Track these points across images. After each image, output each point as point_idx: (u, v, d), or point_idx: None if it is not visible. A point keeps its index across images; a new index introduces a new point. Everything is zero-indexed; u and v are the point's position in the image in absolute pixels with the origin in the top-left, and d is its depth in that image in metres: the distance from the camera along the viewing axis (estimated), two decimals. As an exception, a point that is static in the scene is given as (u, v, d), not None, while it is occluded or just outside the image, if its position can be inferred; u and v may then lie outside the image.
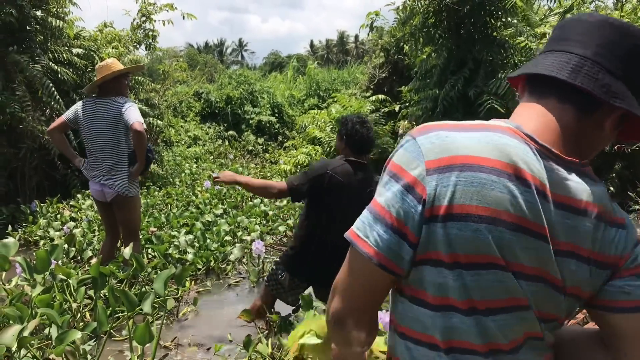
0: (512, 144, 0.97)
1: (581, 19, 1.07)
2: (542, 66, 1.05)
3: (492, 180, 0.93)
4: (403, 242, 0.96)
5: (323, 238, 3.49)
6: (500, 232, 0.93)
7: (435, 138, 0.98)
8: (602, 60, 1.01)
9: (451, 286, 0.96)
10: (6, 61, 7.58)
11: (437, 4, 8.36)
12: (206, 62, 33.73)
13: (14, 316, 2.84)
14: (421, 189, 0.95)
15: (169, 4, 10.21)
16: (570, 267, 1.00)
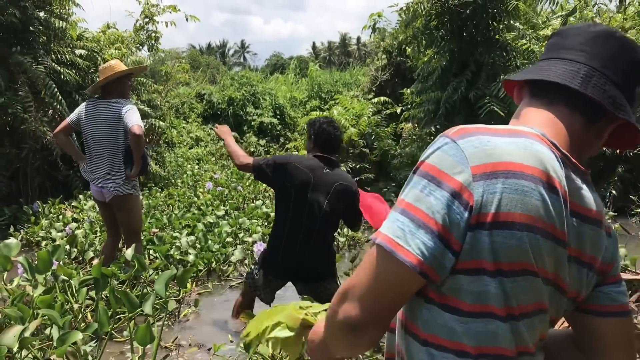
0: (544, 151, 0.98)
1: (584, 29, 1.11)
2: (552, 73, 1.07)
3: (531, 188, 0.94)
4: (447, 250, 0.94)
5: (292, 232, 3.56)
6: (536, 240, 0.94)
7: (478, 142, 0.96)
8: (608, 72, 1.05)
9: (492, 293, 0.96)
10: (9, 62, 7.60)
11: (439, 6, 8.36)
12: (208, 64, 33.77)
13: (16, 317, 2.84)
14: (468, 195, 0.93)
15: (172, 6, 10.23)
16: (573, 272, 1.05)
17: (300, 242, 3.56)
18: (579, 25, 1.13)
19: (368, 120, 9.71)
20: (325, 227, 3.63)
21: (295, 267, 3.63)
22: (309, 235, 3.57)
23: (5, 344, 2.43)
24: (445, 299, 1.00)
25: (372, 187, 8.97)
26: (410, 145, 9.49)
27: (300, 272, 3.66)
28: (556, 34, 1.17)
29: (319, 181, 3.55)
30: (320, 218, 3.55)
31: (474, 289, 0.96)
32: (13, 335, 2.46)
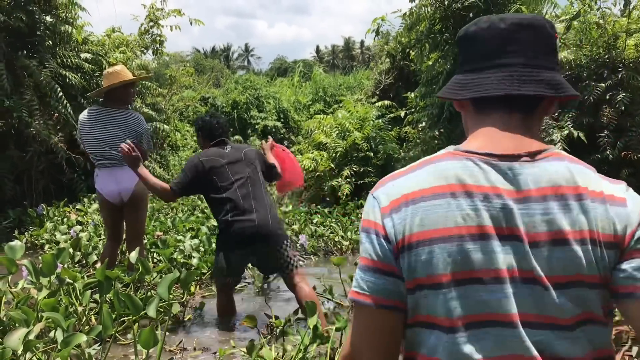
0: (450, 166, 1.08)
1: (494, 29, 1.13)
2: (489, 87, 1.11)
3: (434, 205, 1.04)
4: (390, 277, 1.08)
5: (234, 205, 3.89)
6: (458, 247, 1.02)
7: (386, 188, 1.13)
8: (536, 61, 1.10)
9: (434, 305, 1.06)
10: (16, 65, 7.65)
11: (443, 10, 8.36)
12: (213, 67, 33.86)
13: (20, 319, 2.86)
14: (382, 228, 1.09)
15: (176, 10, 10.29)
16: (555, 255, 1.01)
17: (246, 208, 3.90)
18: (485, 24, 1.15)
19: (372, 124, 9.71)
20: (257, 187, 4.04)
21: (255, 231, 3.87)
22: (255, 200, 3.95)
23: (10, 346, 2.44)
24: (414, 319, 1.09)
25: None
26: (414, 149, 9.48)
27: (261, 238, 3.90)
28: (464, 39, 1.19)
29: (230, 158, 4.05)
30: (254, 182, 4.03)
31: (423, 304, 1.06)
32: (17, 338, 2.47)
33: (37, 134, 7.55)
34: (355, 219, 7.84)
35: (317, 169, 9.45)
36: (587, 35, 8.20)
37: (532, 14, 1.18)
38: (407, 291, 1.07)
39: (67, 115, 7.91)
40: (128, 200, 4.55)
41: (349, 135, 9.50)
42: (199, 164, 3.99)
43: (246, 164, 4.10)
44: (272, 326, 3.64)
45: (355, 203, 8.50)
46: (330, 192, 9.15)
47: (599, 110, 7.70)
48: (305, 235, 6.32)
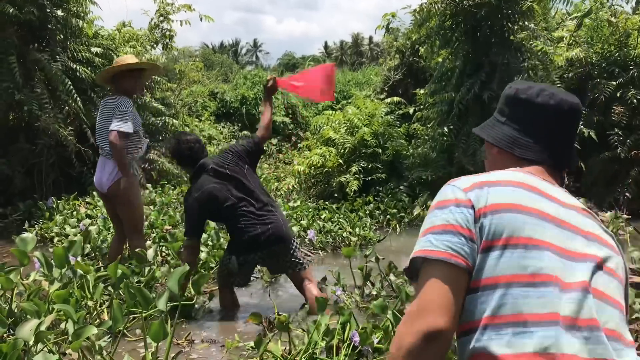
0: (519, 173, 1.34)
1: (559, 108, 1.43)
2: (534, 154, 1.43)
3: (509, 189, 1.26)
4: (467, 240, 1.19)
5: (248, 218, 3.95)
6: (534, 218, 1.21)
7: (465, 178, 1.32)
8: (571, 140, 1.49)
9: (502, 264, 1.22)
10: (27, 59, 7.69)
11: (453, 6, 8.33)
12: (222, 62, 33.88)
13: (32, 311, 2.88)
14: (465, 201, 1.24)
15: (186, 5, 10.30)
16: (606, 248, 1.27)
17: (257, 217, 3.97)
18: (552, 101, 1.41)
19: (381, 120, 9.70)
20: (260, 191, 4.12)
21: (265, 234, 3.96)
22: (262, 204, 4.04)
23: (22, 337, 2.47)
24: (477, 282, 1.18)
25: (383, 187, 8.97)
26: (422, 146, 9.47)
27: (271, 239, 3.98)
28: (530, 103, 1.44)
29: (221, 180, 4.03)
30: (256, 186, 4.10)
31: (492, 264, 1.17)
32: (29, 329, 2.50)
33: (47, 127, 7.58)
34: (363, 215, 7.85)
35: (325, 164, 9.44)
36: (599, 33, 8.16)
37: (575, 97, 1.46)
38: (479, 252, 1.19)
39: (77, 109, 7.95)
40: (108, 194, 4.55)
41: (358, 132, 9.49)
42: (196, 207, 4.03)
43: (238, 174, 4.09)
44: (272, 321, 3.67)
45: (364, 199, 8.50)
46: (338, 188, 9.15)
47: (610, 108, 7.67)
48: (313, 230, 6.32)
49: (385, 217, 8.02)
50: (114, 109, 4.40)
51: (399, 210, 8.13)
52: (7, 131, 7.98)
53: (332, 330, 3.11)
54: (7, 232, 6.76)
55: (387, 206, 8.21)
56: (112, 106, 4.43)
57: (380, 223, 7.92)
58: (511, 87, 1.49)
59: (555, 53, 8.11)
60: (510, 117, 1.46)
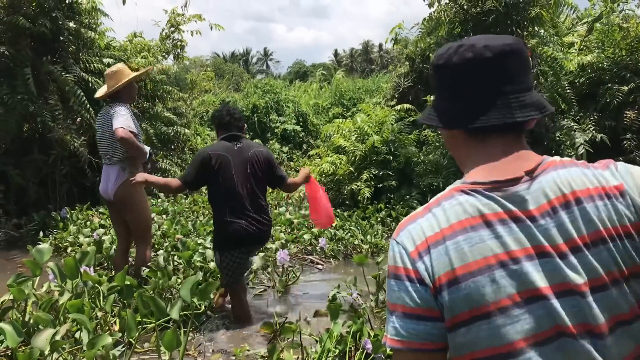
0: (463, 201, 1.12)
1: (478, 57, 1.15)
2: (485, 117, 1.15)
3: (458, 241, 1.08)
4: (430, 322, 1.09)
5: (232, 203, 4.11)
6: (491, 277, 1.04)
7: (408, 232, 1.15)
8: (522, 85, 1.16)
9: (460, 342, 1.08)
10: (40, 71, 7.79)
11: (463, 14, 8.34)
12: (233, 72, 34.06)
13: (47, 320, 2.91)
14: (416, 274, 1.10)
15: (197, 15, 10.39)
16: (582, 261, 1.04)
17: (244, 209, 4.12)
18: (469, 54, 1.16)
19: (391, 128, 9.70)
20: (257, 190, 4.22)
21: (249, 231, 4.13)
22: (247, 202, 4.15)
23: (38, 346, 2.50)
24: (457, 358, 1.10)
25: (395, 194, 8.96)
26: (433, 152, 9.46)
27: (253, 237, 4.17)
28: (445, 67, 1.21)
29: (235, 156, 4.16)
30: (249, 185, 4.17)
31: (463, 341, 1.07)
32: (45, 339, 2.53)
33: (60, 138, 7.66)
34: (375, 223, 7.84)
35: (336, 172, 9.46)
36: (610, 38, 8.12)
37: (510, 37, 1.19)
38: (448, 330, 1.08)
39: (89, 120, 8.04)
40: (114, 201, 4.59)
41: (368, 139, 9.50)
42: (206, 157, 4.14)
43: (251, 164, 4.21)
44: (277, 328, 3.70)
45: (375, 206, 8.49)
46: (349, 196, 9.15)
47: (622, 112, 7.62)
48: (324, 238, 6.33)
49: (397, 224, 7.98)
50: (112, 115, 4.43)
51: (411, 218, 8.10)
52: (21, 142, 8.07)
53: (344, 338, 3.12)
54: (22, 242, 6.84)
55: (398, 213, 8.19)
56: (111, 113, 4.46)
57: (392, 230, 7.90)
58: (434, 55, 1.26)
59: (566, 58, 8.08)
60: (438, 90, 1.27)
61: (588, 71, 8.18)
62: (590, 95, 8.04)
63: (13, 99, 7.51)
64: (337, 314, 3.25)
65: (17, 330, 2.80)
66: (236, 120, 4.32)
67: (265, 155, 4.32)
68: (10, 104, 7.55)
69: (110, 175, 4.58)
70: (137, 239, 4.72)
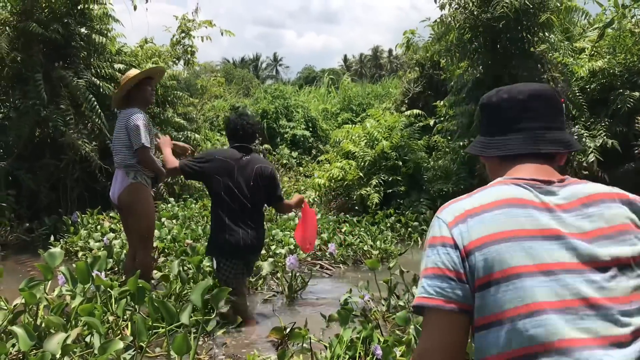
0: (505, 188, 1.31)
1: (512, 98, 1.41)
2: (514, 147, 1.39)
3: (492, 214, 1.24)
4: (456, 282, 1.22)
5: (230, 213, 4.21)
6: (521, 244, 1.19)
7: (449, 208, 1.32)
8: (550, 124, 1.39)
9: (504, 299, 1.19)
10: (52, 76, 7.85)
11: (473, 19, 8.33)
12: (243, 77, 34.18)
13: (58, 324, 2.93)
14: (450, 239, 1.25)
15: (207, 21, 10.45)
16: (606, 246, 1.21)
17: (242, 220, 4.23)
18: (505, 95, 1.43)
19: (401, 133, 9.70)
20: (255, 204, 4.32)
21: (245, 243, 4.23)
22: (245, 213, 4.25)
23: (49, 350, 2.51)
24: (483, 320, 1.20)
25: (404, 200, 8.95)
26: (443, 158, 9.45)
27: (247, 247, 4.26)
28: (488, 107, 1.47)
29: (241, 167, 4.26)
30: (249, 197, 4.25)
31: (491, 300, 1.18)
32: (56, 342, 2.54)
33: (71, 142, 7.72)
34: (384, 228, 7.84)
35: (345, 177, 9.46)
36: (621, 43, 8.08)
37: (544, 85, 1.47)
38: (475, 290, 1.20)
39: (100, 125, 8.09)
40: (119, 205, 4.64)
41: (378, 144, 9.50)
42: (212, 160, 4.29)
43: (255, 178, 4.29)
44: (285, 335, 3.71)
45: (384, 212, 8.48)
46: (359, 201, 9.16)
47: (633, 118, 7.58)
48: (334, 244, 6.33)
49: (406, 230, 7.99)
50: (126, 124, 4.46)
51: (420, 223, 8.10)
52: (33, 147, 8.14)
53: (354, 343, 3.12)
54: (34, 246, 6.88)
55: (408, 219, 8.19)
56: (125, 120, 4.48)
57: (402, 236, 7.90)
58: (483, 96, 1.53)
59: (577, 64, 8.05)
60: (481, 123, 1.51)
61: (599, 77, 8.14)
62: (601, 101, 8.00)
63: (25, 104, 7.59)
64: (347, 319, 3.24)
65: (29, 333, 2.81)
66: (248, 135, 4.42)
67: (270, 173, 4.42)
68: (23, 109, 7.62)
69: (117, 178, 4.61)
70: (137, 245, 4.71)
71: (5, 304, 3.53)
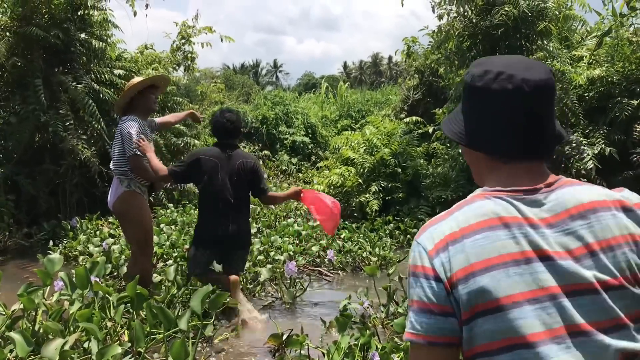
0: (484, 204, 1.20)
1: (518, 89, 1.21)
2: (507, 144, 1.24)
3: (476, 239, 1.15)
4: (443, 317, 1.16)
5: (215, 207, 4.47)
6: (505, 272, 1.12)
7: (429, 233, 1.23)
8: (549, 117, 1.24)
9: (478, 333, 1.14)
10: (52, 81, 7.87)
11: (472, 27, 8.37)
12: (243, 83, 34.22)
13: (56, 330, 2.93)
14: (431, 270, 1.18)
15: (207, 27, 10.48)
16: (596, 264, 1.12)
17: (222, 214, 4.45)
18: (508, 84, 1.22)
19: (400, 140, 9.72)
20: (239, 198, 4.52)
21: (222, 234, 4.48)
22: (227, 207, 4.47)
23: (47, 356, 2.51)
24: (472, 351, 1.16)
25: (403, 207, 8.96)
26: (442, 165, 9.46)
27: (226, 240, 4.51)
28: (481, 91, 1.25)
29: (224, 164, 4.47)
30: (233, 192, 4.47)
31: (479, 332, 1.13)
32: (54, 348, 2.54)
33: (71, 148, 7.72)
34: (383, 235, 7.83)
35: (344, 184, 9.47)
36: (619, 52, 8.11)
37: (544, 69, 1.24)
38: (463, 323, 1.15)
39: (100, 130, 8.10)
40: (113, 211, 4.79)
41: (377, 151, 9.51)
42: (196, 159, 4.50)
43: (237, 173, 4.50)
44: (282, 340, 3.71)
45: (383, 219, 8.49)
46: (358, 208, 9.16)
47: (631, 126, 7.59)
48: (333, 250, 6.33)
49: (405, 236, 8.00)
50: (120, 131, 4.50)
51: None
52: (33, 152, 8.14)
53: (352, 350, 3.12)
54: (33, 251, 6.88)
55: (407, 226, 8.19)
56: (120, 127, 4.54)
57: (401, 243, 7.90)
58: (469, 72, 1.31)
59: (575, 72, 8.08)
60: (469, 107, 1.31)
61: (597, 85, 8.16)
62: (600, 109, 8.02)
63: (25, 109, 7.60)
64: (345, 325, 3.25)
65: (26, 339, 2.82)
66: (229, 131, 4.60)
67: (252, 166, 4.58)
68: (23, 114, 7.63)
69: (113, 186, 4.70)
70: (135, 251, 4.72)
71: (3, 310, 3.53)
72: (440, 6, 8.57)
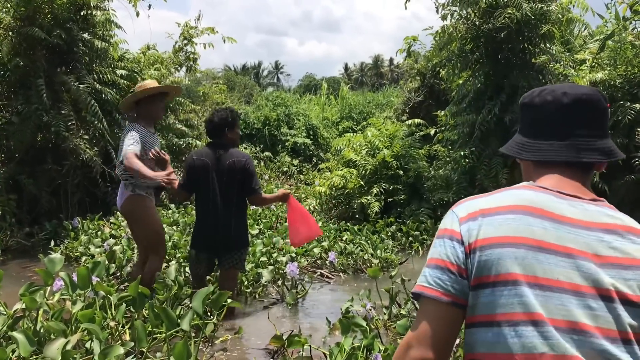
0: (526, 192, 1.28)
1: (556, 101, 1.34)
2: (550, 153, 1.34)
3: (507, 218, 1.22)
4: (456, 276, 1.23)
5: (207, 208, 4.54)
6: (525, 253, 1.17)
7: (465, 204, 1.32)
8: (592, 132, 1.33)
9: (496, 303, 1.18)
10: (54, 81, 7.87)
11: (474, 30, 8.36)
12: (245, 84, 34.22)
13: (58, 330, 2.93)
14: (457, 234, 1.25)
15: (210, 28, 10.49)
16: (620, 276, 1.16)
17: (212, 214, 4.51)
18: (549, 97, 1.36)
19: (402, 142, 9.71)
20: (230, 199, 4.54)
21: (211, 235, 4.55)
22: (217, 208, 4.52)
23: (49, 356, 2.51)
24: (474, 318, 1.21)
25: (405, 209, 8.95)
26: (444, 167, 9.45)
27: (218, 242, 4.56)
28: (529, 106, 1.41)
29: (215, 164, 4.51)
30: (223, 192, 4.51)
31: (485, 301, 1.19)
32: (56, 348, 2.54)
33: (73, 148, 7.73)
34: (385, 237, 7.82)
35: (346, 186, 9.46)
36: (622, 55, 8.10)
37: (589, 88, 1.36)
38: (470, 288, 1.21)
39: (102, 130, 8.11)
40: (121, 212, 4.87)
41: (379, 153, 9.51)
42: (190, 162, 4.60)
43: (227, 173, 4.51)
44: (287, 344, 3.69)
45: (385, 221, 8.48)
46: (359, 210, 9.15)
47: (633, 130, 7.58)
48: (334, 252, 6.33)
49: (407, 239, 7.98)
50: (123, 137, 4.51)
51: (421, 232, 8.09)
52: (35, 152, 8.15)
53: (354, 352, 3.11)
54: (34, 250, 6.89)
55: (409, 228, 8.17)
56: (123, 134, 4.56)
57: (402, 245, 7.89)
58: (523, 95, 1.46)
59: (578, 75, 8.07)
60: (521, 124, 1.45)
61: (600, 88, 8.15)
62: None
63: (28, 109, 7.60)
64: (348, 327, 3.24)
65: (29, 339, 2.81)
66: (216, 126, 4.62)
67: (242, 165, 4.56)
68: (25, 114, 7.63)
69: (120, 189, 4.73)
70: (148, 251, 4.74)
71: (5, 309, 3.53)
72: (445, 7, 8.56)
